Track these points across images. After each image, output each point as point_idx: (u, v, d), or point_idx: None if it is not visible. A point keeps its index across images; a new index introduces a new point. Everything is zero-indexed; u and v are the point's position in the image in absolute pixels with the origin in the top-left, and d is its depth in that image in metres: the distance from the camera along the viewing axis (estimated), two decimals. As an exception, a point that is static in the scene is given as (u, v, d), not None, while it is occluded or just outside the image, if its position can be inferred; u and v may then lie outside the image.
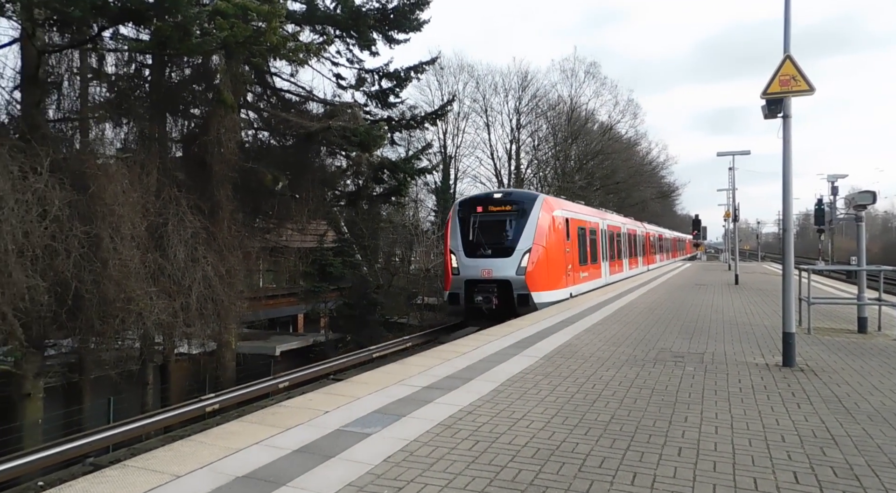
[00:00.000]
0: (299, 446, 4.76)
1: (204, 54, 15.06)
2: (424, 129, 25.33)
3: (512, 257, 16.23)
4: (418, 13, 19.93)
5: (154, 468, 4.30)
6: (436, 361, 8.26)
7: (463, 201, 18.41)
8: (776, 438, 4.89)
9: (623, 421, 5.38)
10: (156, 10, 12.07)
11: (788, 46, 7.62)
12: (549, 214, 17.14)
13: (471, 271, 16.63)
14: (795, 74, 7.56)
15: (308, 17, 18.74)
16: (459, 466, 4.33)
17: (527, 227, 16.48)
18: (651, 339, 10.06)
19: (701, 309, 14.69)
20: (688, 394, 6.34)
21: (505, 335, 10.51)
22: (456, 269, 16.95)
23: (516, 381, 7.02)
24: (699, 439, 4.88)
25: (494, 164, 44.78)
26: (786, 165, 7.83)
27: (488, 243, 16.72)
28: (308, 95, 20.55)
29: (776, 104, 7.86)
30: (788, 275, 7.93)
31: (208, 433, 5.10)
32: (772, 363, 7.93)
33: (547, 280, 16.52)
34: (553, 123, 46.42)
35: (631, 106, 51.06)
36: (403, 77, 21.24)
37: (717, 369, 7.63)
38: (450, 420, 5.44)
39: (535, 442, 4.83)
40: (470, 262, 16.78)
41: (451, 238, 17.48)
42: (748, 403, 5.98)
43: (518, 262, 16.10)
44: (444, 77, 41.73)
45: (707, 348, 9.13)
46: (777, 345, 9.02)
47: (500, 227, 17.08)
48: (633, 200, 56.25)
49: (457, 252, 17.09)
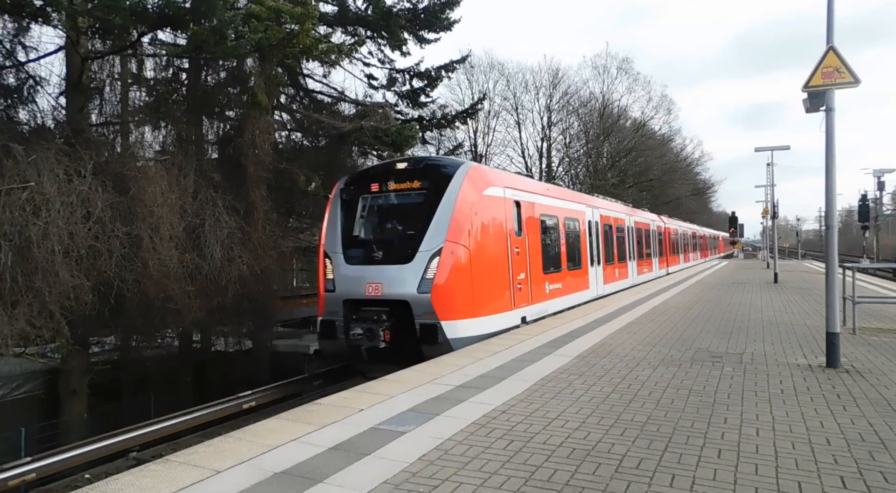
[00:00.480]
0: (335, 443, 4.82)
1: (238, 57, 15.32)
2: (455, 128, 25.33)
3: (412, 264, 10.21)
4: (449, 13, 19.91)
5: (195, 462, 4.40)
6: (468, 360, 8.26)
7: (352, 177, 12.31)
8: (821, 441, 4.75)
9: (660, 422, 5.29)
10: (192, 14, 12.33)
11: (832, 37, 7.38)
12: (478, 194, 10.85)
13: (352, 285, 10.63)
14: (839, 66, 7.32)
15: (339, 18, 18.90)
16: (494, 465, 4.31)
17: (439, 214, 10.34)
18: (687, 338, 9.87)
19: (739, 308, 14.35)
20: (727, 395, 6.20)
21: (537, 335, 10.45)
22: (331, 282, 10.90)
23: (550, 380, 6.97)
24: (739, 441, 4.77)
25: (525, 162, 44.55)
26: (829, 159, 7.59)
27: (379, 242, 10.87)
28: (340, 96, 20.74)
29: (818, 97, 7.63)
30: (832, 273, 7.68)
31: (246, 430, 5.20)
32: (815, 364, 7.70)
33: (472, 301, 10.34)
34: (585, 121, 46.00)
35: (665, 102, 50.35)
36: (434, 76, 21.25)
37: (756, 369, 7.44)
38: (484, 419, 5.43)
39: (571, 442, 4.78)
40: (352, 271, 10.74)
41: (326, 234, 11.45)
42: (790, 404, 5.82)
43: (421, 271, 10.10)
44: (475, 75, 41.66)
45: (746, 348, 8.91)
46: (820, 345, 8.75)
47: (399, 215, 11.28)
48: (667, 197, 55.36)
49: (333, 256, 11.05)
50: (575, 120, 46.06)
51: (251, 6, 13.30)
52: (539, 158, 45.09)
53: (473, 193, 10.75)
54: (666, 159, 55.16)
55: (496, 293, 11.03)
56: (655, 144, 52.02)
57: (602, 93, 46.08)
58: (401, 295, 10.15)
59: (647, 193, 51.97)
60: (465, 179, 10.71)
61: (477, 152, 41.40)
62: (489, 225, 11.07)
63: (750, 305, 15.14)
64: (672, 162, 56.99)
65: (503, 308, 11.14)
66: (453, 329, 9.91)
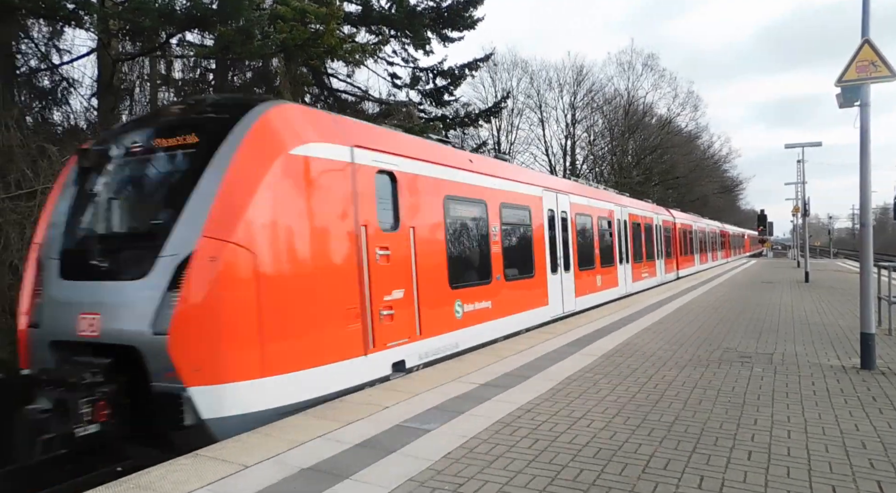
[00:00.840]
0: (361, 440, 4.84)
1: (264, 57, 15.53)
2: (479, 126, 25.36)
3: (148, 280, 5.63)
4: (472, 11, 19.92)
5: (224, 458, 4.47)
6: (492, 359, 8.24)
7: (105, 134, 7.98)
8: (856, 444, 4.63)
9: (688, 422, 5.21)
10: (219, 15, 12.53)
11: (867, 30, 7.18)
12: (283, 155, 6.23)
13: (62, 316, 6.08)
14: (875, 59, 7.12)
15: (364, 17, 19.02)
16: (519, 464, 4.30)
17: (199, 192, 5.82)
18: (715, 338, 9.71)
19: (769, 308, 14.07)
20: (756, 396, 6.08)
21: (561, 334, 10.38)
22: (35, 309, 6.42)
23: (575, 380, 6.92)
24: (770, 443, 4.67)
25: (549, 160, 44.34)
26: (863, 156, 7.40)
27: (106, 240, 6.42)
28: (364, 95, 20.89)
29: (852, 92, 7.43)
30: (867, 272, 7.49)
31: (273, 426, 5.26)
32: (848, 366, 7.51)
33: (261, 344, 5.68)
34: (609, 118, 45.62)
35: (691, 98, 49.78)
36: (458, 75, 21.27)
37: (787, 370, 7.29)
38: (508, 418, 5.41)
39: (597, 442, 4.74)
40: (65, 291, 6.24)
41: (44, 228, 6.85)
42: (823, 406, 5.68)
43: (160, 293, 5.51)
44: (498, 73, 41.55)
45: (776, 349, 8.73)
46: (854, 346, 8.53)
47: (148, 194, 6.73)
48: (694, 195, 54.56)
49: (47, 264, 6.51)
50: (599, 117, 45.75)
51: (277, 7, 13.45)
52: (563, 156, 44.86)
53: (272, 152, 6.09)
54: (692, 157, 54.42)
55: (324, 327, 6.32)
56: (681, 141, 51.36)
57: (627, 90, 45.68)
58: (124, 336, 5.58)
59: (674, 191, 51.27)
60: (255, 131, 6.09)
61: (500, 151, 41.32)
62: (312, 210, 6.36)
63: (780, 304, 14.83)
64: (699, 159, 56.20)
65: (344, 352, 6.53)
66: (217, 401, 5.33)
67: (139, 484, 4.03)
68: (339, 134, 7.01)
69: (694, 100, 50.40)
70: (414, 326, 7.78)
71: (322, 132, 6.80)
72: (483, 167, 10.41)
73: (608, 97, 45.30)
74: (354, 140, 7.14)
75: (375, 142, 7.56)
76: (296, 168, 6.29)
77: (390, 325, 7.25)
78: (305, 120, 6.84)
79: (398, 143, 8.16)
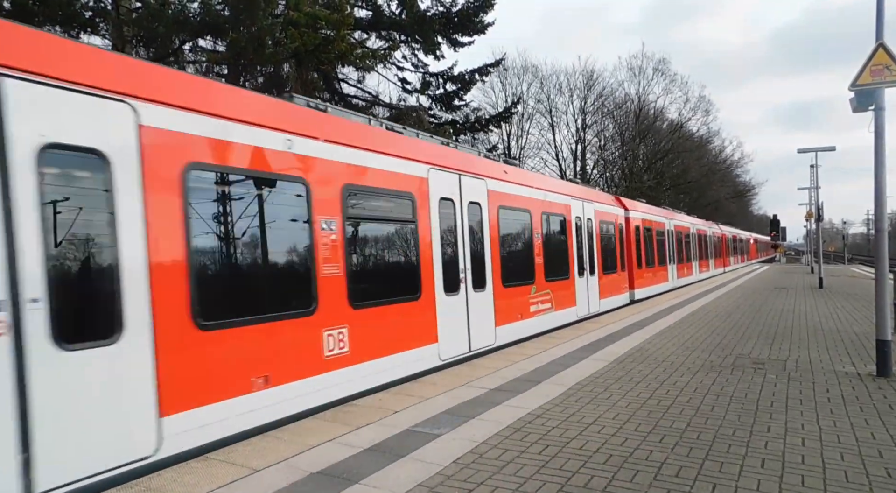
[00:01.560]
0: (371, 444, 4.84)
1: (276, 63, 15.63)
2: (489, 131, 25.34)
3: None
4: (482, 16, 19.96)
5: (234, 461, 4.49)
6: (503, 363, 8.21)
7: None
8: (872, 453, 4.56)
9: (700, 429, 5.16)
10: (232, 22, 12.65)
11: (882, 33, 7.12)
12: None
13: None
14: (890, 63, 7.05)
15: (374, 23, 19.13)
16: (529, 470, 4.27)
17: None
18: (728, 344, 9.62)
19: (782, 314, 13.92)
20: (769, 403, 6.01)
21: (571, 339, 10.32)
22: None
23: (586, 385, 6.88)
24: (784, 450, 4.62)
25: (560, 165, 44.22)
26: (878, 160, 7.31)
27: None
28: (374, 100, 20.97)
29: (867, 96, 7.36)
30: (883, 278, 7.39)
31: (284, 429, 5.27)
32: (864, 373, 7.41)
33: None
34: (620, 123, 45.48)
35: (703, 103, 49.66)
36: (468, 80, 21.31)
37: (801, 376, 7.21)
38: (519, 423, 5.39)
39: (608, 448, 4.71)
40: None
41: None
42: (838, 414, 5.61)
43: None
44: (508, 78, 41.48)
45: (790, 355, 8.63)
46: (870, 353, 8.42)
47: None
48: (707, 200, 54.22)
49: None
50: (610, 122, 45.58)
51: (290, 13, 13.55)
52: (573, 161, 44.73)
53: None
54: (704, 161, 54.16)
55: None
56: (693, 145, 51.09)
57: (638, 94, 45.54)
58: None
59: (685, 196, 51.00)
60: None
61: (511, 155, 41.29)
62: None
63: (794, 310, 14.68)
64: (711, 164, 55.91)
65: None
66: None
67: (150, 487, 4.05)
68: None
69: (705, 104, 50.37)
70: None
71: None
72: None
73: (619, 102, 45.21)
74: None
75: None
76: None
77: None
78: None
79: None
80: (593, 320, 13.01)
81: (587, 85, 43.74)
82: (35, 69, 4.12)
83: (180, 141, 5.00)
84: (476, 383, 7.03)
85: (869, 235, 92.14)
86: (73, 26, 12.98)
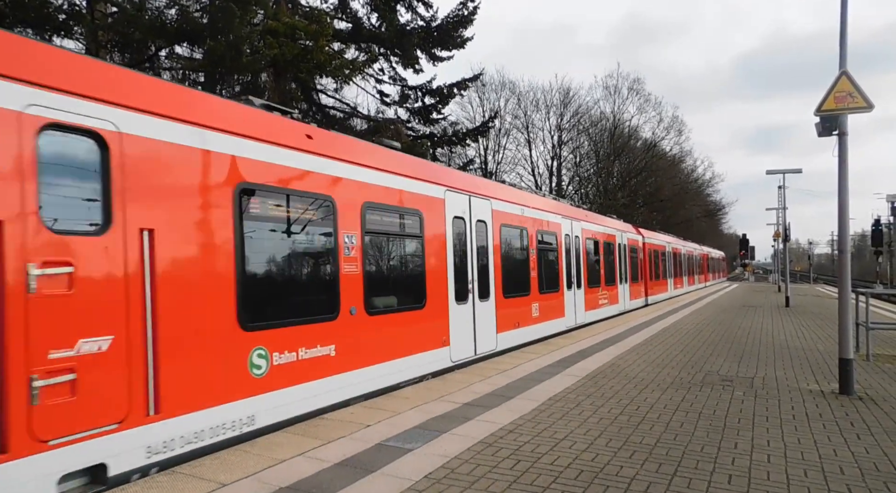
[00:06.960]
0: (341, 459, 4.79)
1: (254, 72, 15.56)
2: (466, 145, 25.52)
3: None
4: (462, 31, 20.17)
5: (202, 475, 4.39)
6: (476, 378, 8.21)
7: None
8: (834, 469, 4.66)
9: (669, 445, 5.22)
10: (209, 30, 12.57)
11: (845, 62, 7.39)
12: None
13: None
14: (852, 91, 7.32)
15: (354, 35, 19.19)
16: (501, 485, 4.27)
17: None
18: (698, 361, 9.78)
19: (750, 332, 14.21)
20: (737, 420, 6.12)
21: (545, 354, 10.38)
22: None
23: (558, 400, 6.91)
24: (750, 467, 4.70)
25: (535, 180, 44.66)
26: (842, 183, 7.55)
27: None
28: (352, 112, 20.97)
29: (831, 121, 7.62)
30: (845, 298, 7.60)
31: (254, 443, 5.18)
32: (827, 391, 7.59)
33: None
34: (595, 140, 46.18)
35: (676, 123, 50.58)
36: (446, 94, 21.45)
37: (768, 394, 7.35)
38: (491, 438, 5.38)
39: (579, 464, 4.73)
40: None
41: None
42: (803, 431, 5.73)
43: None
44: (486, 93, 41.96)
45: (757, 373, 8.81)
46: (833, 371, 8.63)
47: None
48: (679, 218, 55.17)
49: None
50: (585, 139, 46.32)
51: (268, 22, 13.52)
52: (549, 177, 45.23)
53: None
54: (677, 180, 55.17)
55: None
56: (666, 164, 52.06)
57: (613, 113, 46.32)
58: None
59: (658, 214, 51.85)
60: None
61: (487, 170, 41.58)
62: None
63: (761, 328, 14.99)
64: (683, 183, 56.98)
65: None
66: None
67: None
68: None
69: (678, 124, 51.24)
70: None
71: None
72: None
73: (594, 120, 45.97)
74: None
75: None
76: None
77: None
78: None
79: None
80: (566, 335, 13.11)
81: (563, 102, 44.46)
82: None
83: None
84: (449, 397, 7.01)
85: (833, 256, 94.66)
86: (45, 29, 12.75)
